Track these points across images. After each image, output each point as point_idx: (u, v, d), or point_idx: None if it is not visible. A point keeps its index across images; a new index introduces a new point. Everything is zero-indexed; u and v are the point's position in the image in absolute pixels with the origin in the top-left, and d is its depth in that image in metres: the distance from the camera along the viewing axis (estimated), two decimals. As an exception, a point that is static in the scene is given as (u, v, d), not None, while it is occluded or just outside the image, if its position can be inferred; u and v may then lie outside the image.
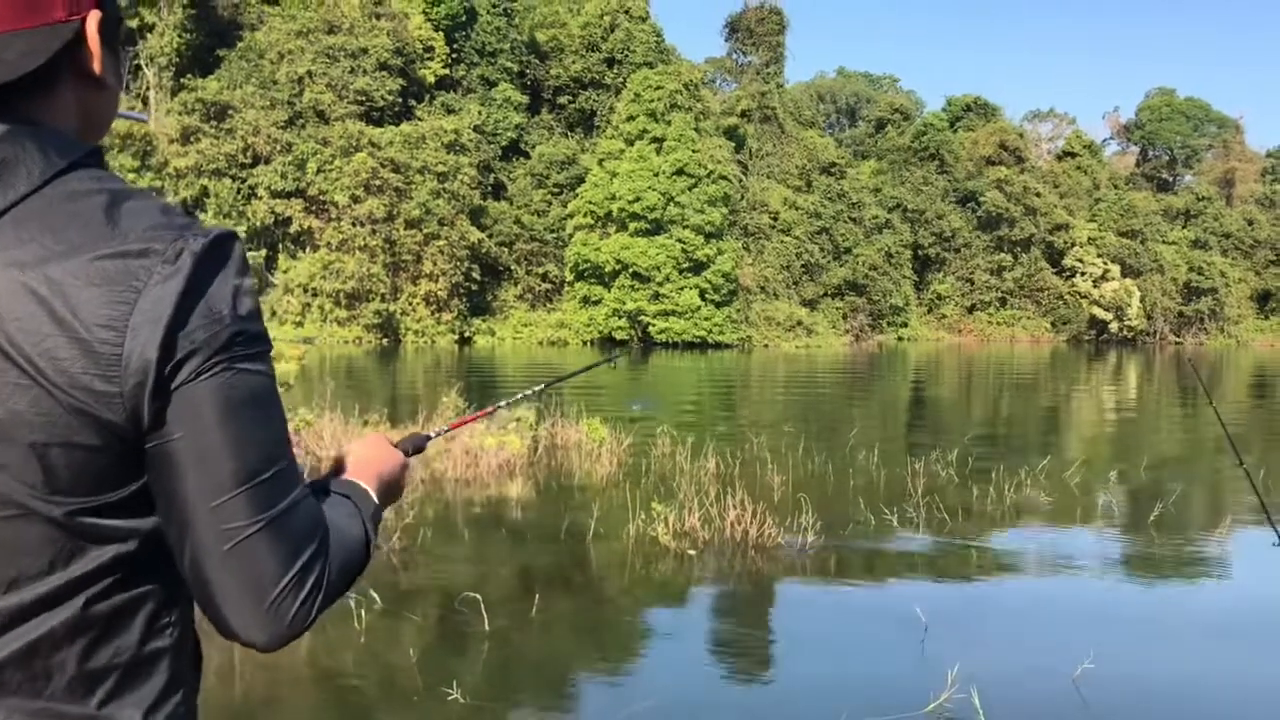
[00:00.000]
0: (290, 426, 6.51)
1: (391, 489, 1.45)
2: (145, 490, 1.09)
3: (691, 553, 8.64)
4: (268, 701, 5.54)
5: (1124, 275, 77.90)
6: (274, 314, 48.84)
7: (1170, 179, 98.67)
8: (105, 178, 1.10)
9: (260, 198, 51.84)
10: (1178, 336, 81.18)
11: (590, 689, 5.86)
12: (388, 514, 8.67)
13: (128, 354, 1.02)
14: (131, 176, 49.59)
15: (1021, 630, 7.02)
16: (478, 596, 6.73)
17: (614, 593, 7.75)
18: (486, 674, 5.81)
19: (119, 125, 50.78)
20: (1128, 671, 6.10)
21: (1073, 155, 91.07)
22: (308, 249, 52.65)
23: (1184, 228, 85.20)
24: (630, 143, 56.91)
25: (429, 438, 1.76)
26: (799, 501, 9.97)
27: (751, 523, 9.11)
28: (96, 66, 1.15)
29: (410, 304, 52.86)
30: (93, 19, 1.14)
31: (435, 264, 52.57)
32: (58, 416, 1.02)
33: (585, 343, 55.53)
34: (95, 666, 1.10)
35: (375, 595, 6.89)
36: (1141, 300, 77.55)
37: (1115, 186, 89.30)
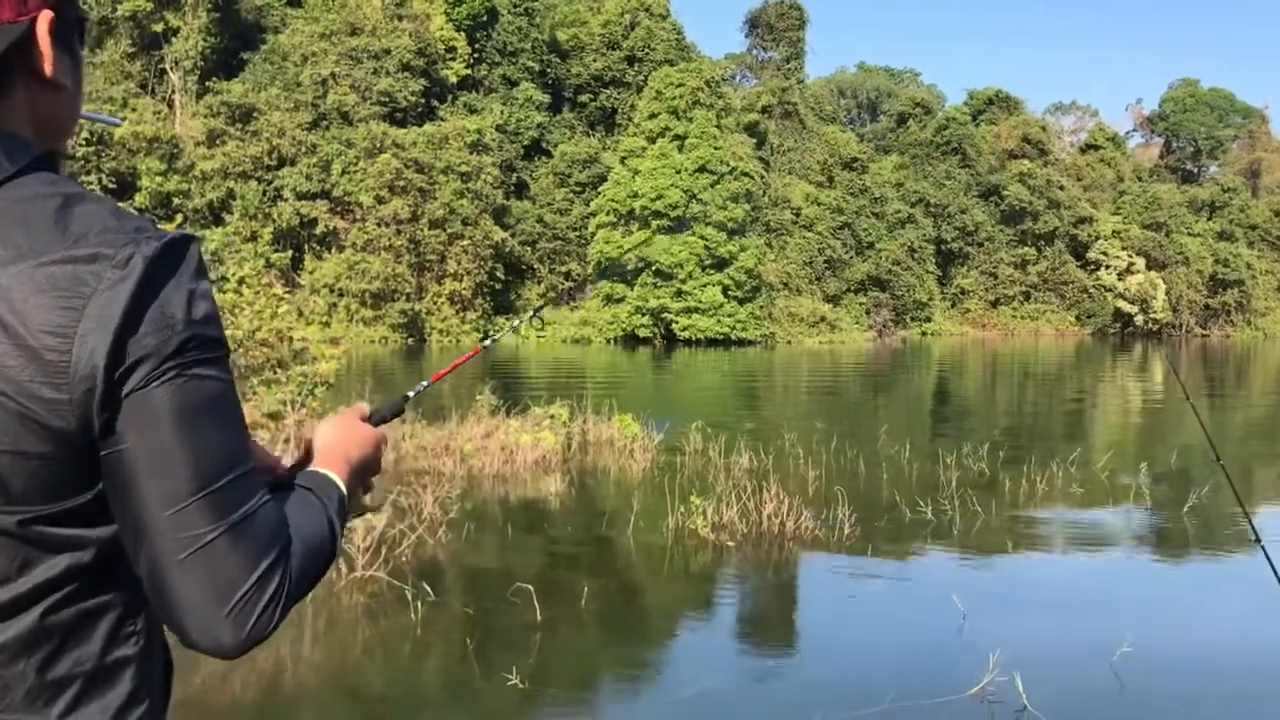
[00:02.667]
0: None
1: (364, 469, 1.40)
2: (101, 498, 1.08)
3: (730, 545, 8.82)
4: (332, 688, 5.75)
5: (1149, 268, 77.42)
6: (300, 315, 49.29)
7: (1195, 170, 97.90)
8: (59, 181, 1.09)
9: (286, 199, 52.32)
10: (1204, 329, 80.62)
11: (642, 675, 6.06)
12: (433, 509, 8.91)
13: (76, 361, 1.00)
14: (159, 179, 50.23)
15: (1058, 617, 7.17)
16: (529, 588, 6.94)
17: (658, 584, 7.94)
18: (541, 662, 6.01)
19: (145, 130, 51.33)
20: (1166, 655, 6.24)
21: (1096, 148, 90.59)
22: (333, 250, 53.11)
23: (1209, 219, 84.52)
24: (652, 140, 57.05)
25: (407, 398, 1.70)
26: (834, 495, 10.13)
27: (788, 515, 9.28)
28: (48, 68, 1.13)
29: (435, 303, 53.22)
30: (43, 19, 1.11)
31: (459, 263, 52.91)
32: (7, 424, 1.01)
33: (609, 340, 55.73)
34: (56, 676, 1.08)
35: (427, 588, 7.11)
36: (1167, 293, 77.07)
37: (1139, 179, 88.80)
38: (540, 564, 8.41)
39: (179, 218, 13.64)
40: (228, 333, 11.26)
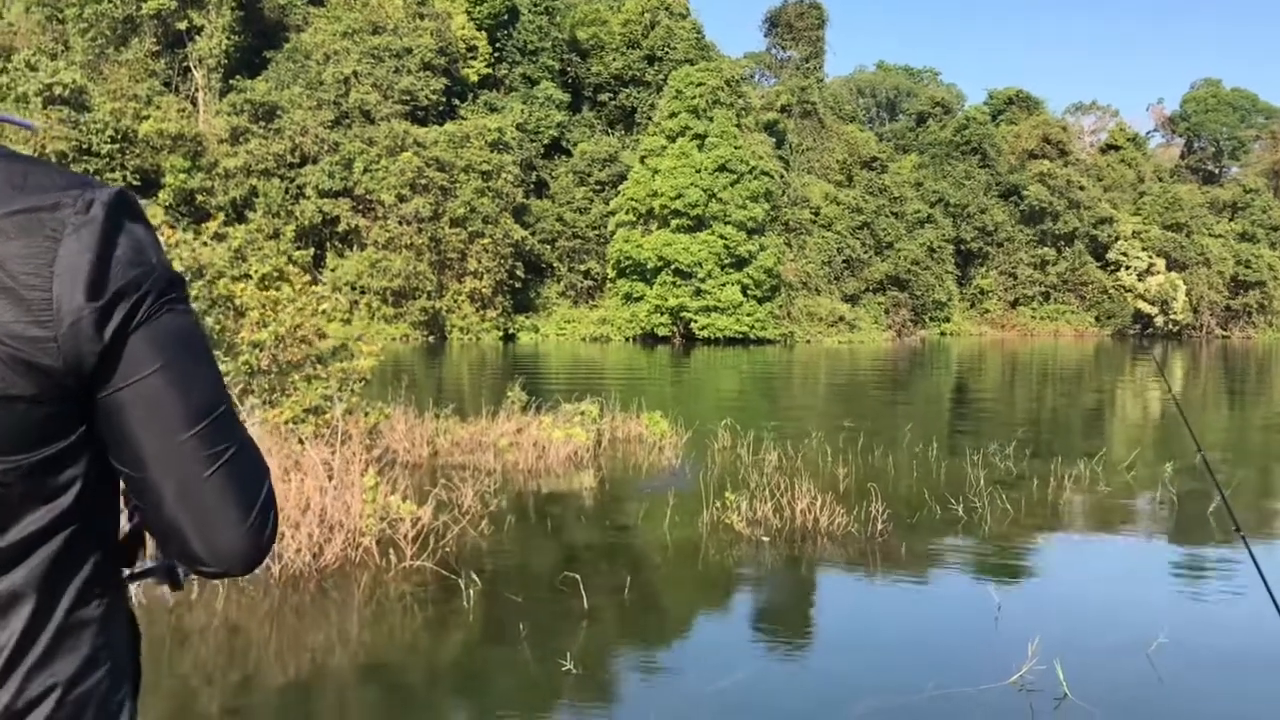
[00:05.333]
0: (370, 419, 6.98)
1: None
2: (79, 443, 1.11)
3: (765, 539, 8.99)
4: (390, 669, 5.95)
5: (1169, 269, 77.17)
6: (322, 312, 49.54)
7: (1216, 171, 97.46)
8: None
9: (308, 197, 52.68)
10: (1224, 330, 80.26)
11: (689, 662, 6.23)
12: (473, 502, 9.11)
13: (57, 299, 1.04)
14: (183, 177, 50.65)
15: (1091, 610, 7.31)
16: (576, 576, 7.13)
17: (697, 576, 8.12)
18: (592, 648, 6.20)
19: (169, 127, 51.73)
20: (1201, 648, 6.37)
21: (1116, 148, 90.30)
22: (355, 247, 53.45)
23: (1231, 220, 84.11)
24: (672, 139, 57.19)
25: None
26: (864, 492, 10.29)
27: (820, 511, 9.44)
28: None
29: (456, 301, 53.50)
30: None
31: (480, 262, 53.18)
32: None
33: (628, 339, 55.89)
34: (21, 634, 1.09)
35: (475, 577, 7.31)
36: (1187, 294, 76.78)
37: (1160, 179, 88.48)
38: (581, 555, 8.59)
39: (220, 215, 13.86)
40: (269, 329, 11.46)
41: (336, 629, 6.70)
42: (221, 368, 10.72)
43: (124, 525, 1.26)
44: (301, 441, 9.50)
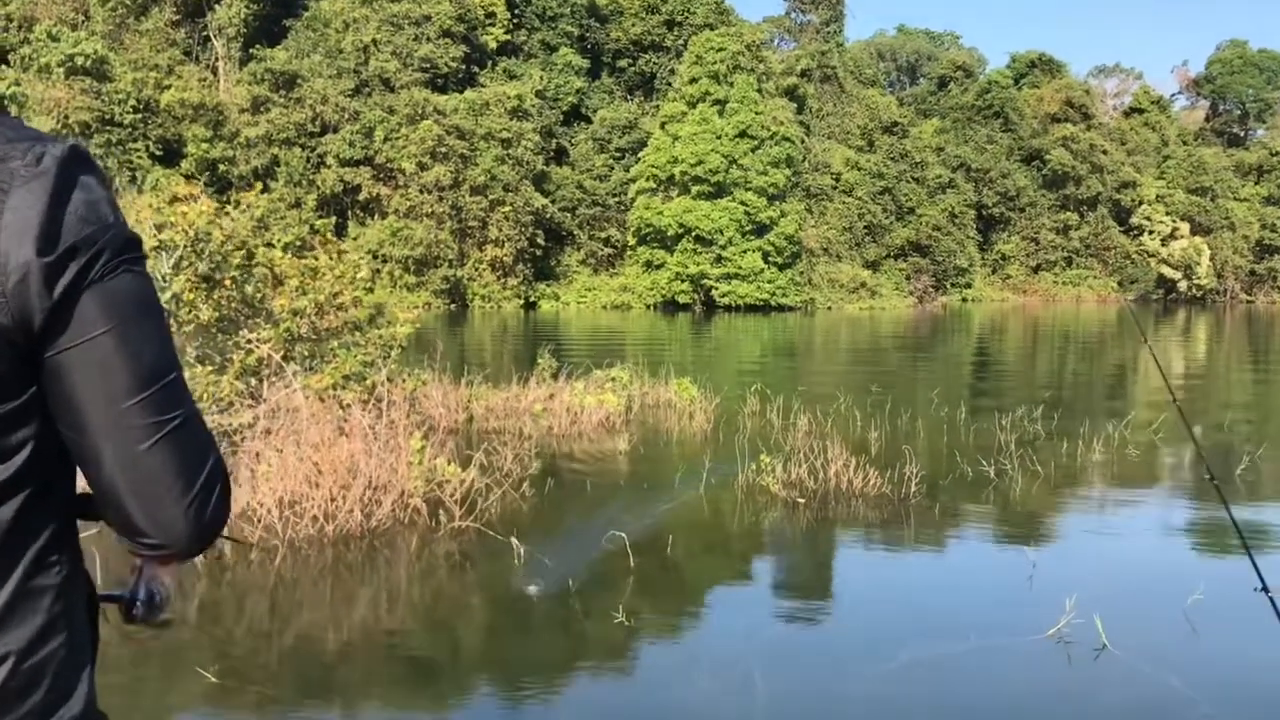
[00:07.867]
0: (409, 385, 7.19)
1: None
2: (29, 404, 1.07)
3: (800, 501, 9.16)
4: (440, 622, 6.17)
5: (1193, 233, 76.50)
6: (360, 279, 49.77)
7: (1242, 134, 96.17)
8: None
9: (329, 166, 52.83)
10: (1249, 295, 79.63)
11: (731, 616, 6.44)
12: (512, 466, 9.31)
13: (4, 253, 1.01)
14: (205, 146, 50.84)
15: (1126, 566, 7.48)
16: (622, 535, 7.34)
17: (735, 535, 8.32)
18: (640, 602, 6.41)
19: (191, 97, 51.88)
20: (1239, 603, 6.50)
21: (1140, 111, 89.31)
22: (376, 216, 53.64)
23: (1256, 184, 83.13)
24: (692, 105, 56.94)
25: None
26: (896, 454, 10.43)
27: (854, 474, 9.59)
28: None
29: (477, 269, 53.68)
30: None
31: (500, 230, 53.29)
32: None
33: (649, 306, 55.97)
34: None
35: (522, 537, 7.51)
36: (1211, 258, 76.16)
37: (1184, 142, 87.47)
38: (621, 516, 8.77)
39: (259, 185, 14.02)
40: (308, 298, 11.64)
41: (390, 586, 6.93)
42: (262, 334, 10.95)
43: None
44: (345, 407, 9.71)
